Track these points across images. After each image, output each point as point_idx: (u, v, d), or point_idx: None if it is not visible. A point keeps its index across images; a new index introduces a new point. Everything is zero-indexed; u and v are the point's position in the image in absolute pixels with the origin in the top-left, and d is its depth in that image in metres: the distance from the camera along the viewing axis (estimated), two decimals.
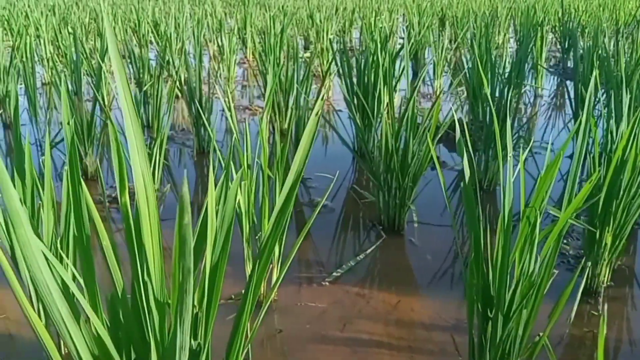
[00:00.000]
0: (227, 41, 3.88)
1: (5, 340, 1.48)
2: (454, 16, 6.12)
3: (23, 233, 0.59)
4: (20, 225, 0.58)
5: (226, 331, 0.91)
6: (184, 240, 0.59)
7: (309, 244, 1.97)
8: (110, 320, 0.79)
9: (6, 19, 6.56)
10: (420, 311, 1.59)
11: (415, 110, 1.79)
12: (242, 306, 0.77)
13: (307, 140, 0.80)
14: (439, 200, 2.33)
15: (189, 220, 0.57)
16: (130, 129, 0.70)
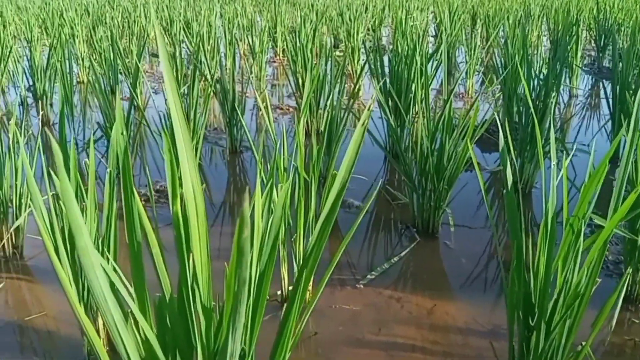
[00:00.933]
0: (258, 40, 3.90)
1: (44, 337, 1.51)
2: (486, 14, 6.04)
3: (83, 243, 0.60)
4: (80, 235, 0.59)
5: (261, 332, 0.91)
6: (242, 252, 0.59)
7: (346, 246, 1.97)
8: (157, 325, 0.81)
9: (42, 19, 6.71)
10: (456, 316, 1.58)
11: (451, 112, 1.77)
12: (289, 311, 0.78)
13: (353, 149, 0.80)
14: (473, 202, 2.31)
15: (249, 234, 0.58)
16: (180, 138, 0.71)
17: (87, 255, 0.61)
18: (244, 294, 0.63)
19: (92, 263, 0.62)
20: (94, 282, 0.65)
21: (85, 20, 5.94)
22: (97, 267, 0.63)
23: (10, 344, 1.48)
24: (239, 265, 0.60)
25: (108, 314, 0.69)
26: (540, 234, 1.20)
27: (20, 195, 1.85)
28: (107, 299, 0.67)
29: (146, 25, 6.21)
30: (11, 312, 1.62)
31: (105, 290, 0.66)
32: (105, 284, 0.65)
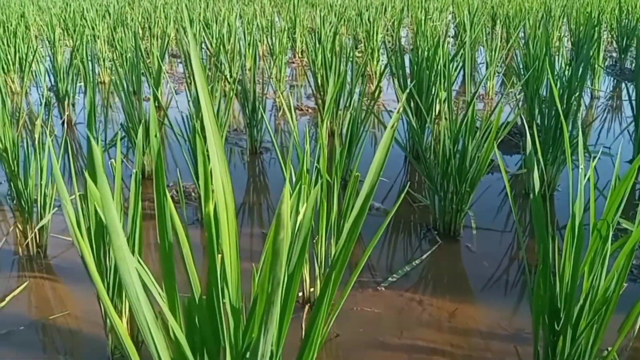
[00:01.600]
0: (277, 41, 3.91)
1: (68, 336, 1.53)
2: (506, 15, 5.99)
3: (120, 244, 0.61)
4: (117, 236, 0.60)
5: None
6: (277, 254, 0.60)
7: (362, 247, 1.96)
8: (186, 325, 0.81)
9: (63, 20, 6.80)
10: (478, 319, 1.56)
11: (474, 114, 1.75)
12: (316, 313, 0.78)
13: (382, 152, 0.80)
14: (493, 205, 2.29)
15: (284, 236, 0.58)
16: (212, 142, 0.72)
17: (122, 256, 0.62)
18: (278, 295, 0.63)
19: (127, 264, 0.63)
20: (129, 283, 0.66)
21: (106, 20, 6.01)
22: (132, 268, 0.63)
23: (35, 342, 1.50)
24: (273, 267, 0.61)
25: (141, 313, 0.70)
26: (566, 238, 1.19)
27: (44, 195, 1.88)
28: (140, 299, 0.68)
29: (166, 26, 6.27)
30: (35, 310, 1.65)
31: (139, 290, 0.67)
32: (139, 284, 0.66)
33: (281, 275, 0.62)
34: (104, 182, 0.57)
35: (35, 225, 1.89)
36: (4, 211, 2.35)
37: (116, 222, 0.59)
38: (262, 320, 0.67)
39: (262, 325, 0.68)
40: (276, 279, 0.62)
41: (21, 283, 1.77)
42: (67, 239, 2.02)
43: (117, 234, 0.59)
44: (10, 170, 1.86)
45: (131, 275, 0.64)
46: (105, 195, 0.58)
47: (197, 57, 0.76)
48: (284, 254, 0.60)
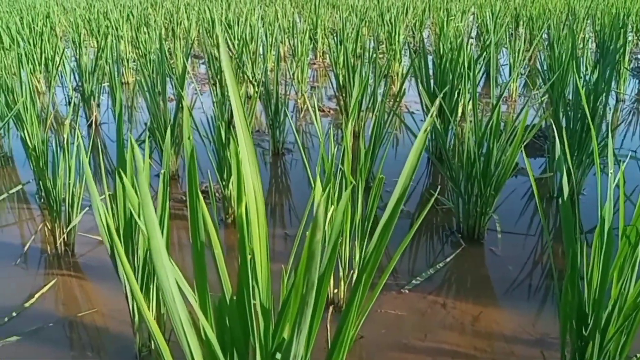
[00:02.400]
0: (299, 43, 3.93)
1: (96, 334, 1.56)
2: (529, 16, 5.92)
3: (157, 245, 0.62)
4: (155, 237, 0.61)
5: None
6: (312, 256, 0.60)
7: (388, 249, 1.96)
8: (216, 324, 0.82)
9: (87, 20, 6.90)
10: (503, 324, 1.55)
11: (499, 117, 1.74)
12: (346, 315, 0.78)
13: (415, 155, 0.80)
14: (516, 208, 2.27)
15: (320, 238, 0.59)
16: (244, 147, 0.72)
17: (160, 257, 0.63)
18: (312, 297, 0.64)
19: (163, 264, 0.64)
20: (164, 282, 0.67)
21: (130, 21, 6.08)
22: (169, 270, 0.65)
23: (63, 339, 1.53)
24: (308, 269, 0.61)
25: (175, 313, 0.71)
26: (595, 243, 1.18)
27: (72, 194, 1.91)
28: (176, 299, 0.69)
29: (189, 27, 6.32)
30: (63, 308, 1.67)
31: (174, 291, 0.68)
32: (175, 285, 0.67)
33: (316, 277, 0.62)
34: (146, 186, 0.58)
35: (63, 224, 1.93)
36: (31, 209, 2.39)
37: (155, 224, 0.60)
38: (295, 321, 0.68)
39: (295, 327, 0.68)
40: (311, 280, 0.62)
41: (49, 280, 1.81)
42: (94, 237, 2.05)
43: (156, 236, 0.60)
44: (39, 170, 1.89)
45: (168, 276, 0.65)
46: (145, 198, 0.59)
47: (228, 65, 0.77)
48: (319, 256, 0.60)
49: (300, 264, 0.62)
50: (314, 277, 0.62)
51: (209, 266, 0.85)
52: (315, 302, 0.77)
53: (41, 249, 2.01)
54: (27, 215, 2.33)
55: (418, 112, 3.70)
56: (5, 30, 5.29)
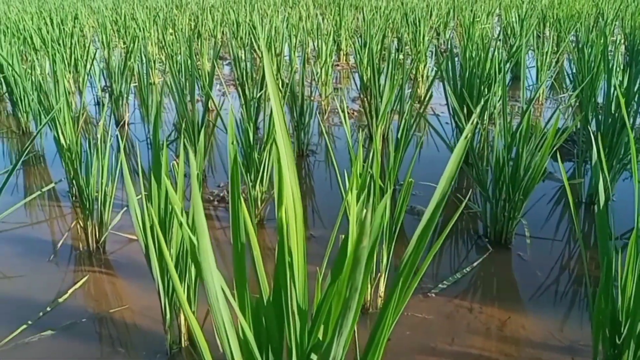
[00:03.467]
0: (324, 44, 3.94)
1: (127, 330, 1.59)
2: (556, 17, 5.85)
3: (205, 246, 0.64)
4: (203, 238, 0.63)
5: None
6: (357, 261, 0.61)
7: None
8: (253, 324, 0.84)
9: (115, 22, 7.02)
10: (531, 329, 1.54)
11: (530, 121, 1.73)
12: (382, 318, 0.79)
13: (455, 161, 0.80)
14: (544, 213, 2.25)
15: (367, 244, 0.60)
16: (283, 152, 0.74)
17: (207, 258, 0.65)
18: (355, 301, 0.65)
19: (209, 265, 0.65)
20: (210, 283, 0.68)
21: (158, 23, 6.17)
22: (214, 269, 0.66)
23: (96, 334, 1.56)
24: (353, 273, 0.62)
25: (218, 313, 0.73)
26: (630, 251, 1.17)
27: (105, 193, 1.95)
28: (219, 299, 0.71)
29: (213, 29, 6.39)
30: (95, 304, 1.71)
31: (218, 291, 0.70)
32: (219, 285, 0.69)
33: (359, 282, 0.63)
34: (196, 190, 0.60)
35: (95, 222, 1.97)
36: (61, 207, 2.45)
37: (204, 228, 0.62)
38: (337, 324, 0.69)
39: (337, 329, 0.70)
40: (354, 285, 0.63)
41: (81, 277, 1.85)
42: (125, 235, 2.09)
43: (204, 232, 0.62)
44: (73, 169, 1.94)
45: (213, 277, 0.67)
46: (196, 200, 0.61)
47: (271, 73, 0.78)
48: (364, 261, 0.61)
49: (345, 268, 0.63)
50: (357, 283, 0.63)
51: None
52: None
53: (73, 246, 2.06)
54: (58, 212, 2.39)
55: (443, 114, 3.69)
56: (37, 31, 5.41)
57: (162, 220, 1.31)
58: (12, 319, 1.62)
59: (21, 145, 3.43)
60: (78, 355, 1.47)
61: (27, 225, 2.26)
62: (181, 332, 1.48)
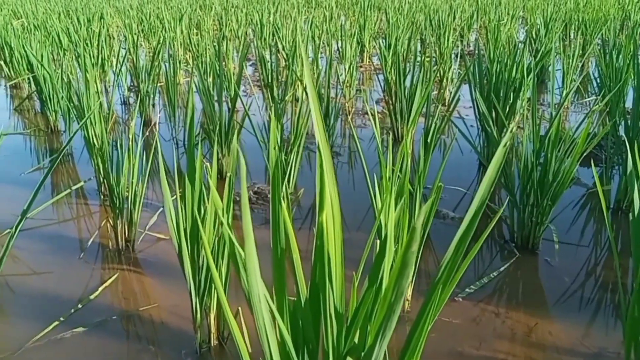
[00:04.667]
0: (348, 46, 3.96)
1: (157, 328, 1.61)
2: (582, 20, 5.78)
3: (250, 252, 0.65)
4: (250, 241, 0.64)
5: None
6: (405, 265, 0.62)
7: (436, 256, 1.96)
8: (290, 325, 0.85)
9: (140, 22, 7.11)
10: (559, 335, 1.54)
11: (559, 127, 1.72)
12: (418, 325, 0.80)
13: (494, 168, 0.81)
14: (571, 218, 2.23)
15: (416, 249, 0.61)
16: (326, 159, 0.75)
17: (252, 260, 0.66)
18: (399, 305, 0.66)
19: (254, 267, 0.67)
20: (253, 285, 0.70)
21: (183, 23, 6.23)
22: (257, 272, 0.68)
23: (126, 332, 1.60)
24: (400, 278, 0.63)
25: (260, 314, 0.74)
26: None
27: (135, 192, 1.99)
28: (261, 300, 0.72)
29: (237, 29, 6.44)
30: (125, 302, 1.74)
31: (261, 293, 0.71)
32: (262, 287, 0.70)
33: (405, 287, 0.64)
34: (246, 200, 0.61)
35: (125, 221, 2.00)
36: (88, 205, 2.49)
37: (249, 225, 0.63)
38: (381, 327, 0.70)
39: (380, 333, 0.71)
40: (400, 289, 0.64)
41: (111, 275, 1.88)
42: (154, 234, 2.13)
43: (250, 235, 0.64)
44: (104, 168, 1.97)
45: (257, 279, 0.68)
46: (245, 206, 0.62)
47: (311, 82, 0.80)
48: (412, 266, 0.62)
49: (392, 273, 0.64)
50: (403, 287, 0.64)
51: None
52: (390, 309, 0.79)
53: (103, 244, 2.10)
54: (87, 210, 2.43)
55: (467, 117, 3.67)
56: (64, 30, 5.50)
57: (194, 222, 1.33)
58: (44, 314, 1.66)
59: (49, 144, 3.50)
60: (110, 352, 1.50)
61: (57, 223, 2.31)
62: (210, 332, 1.50)
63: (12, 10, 8.96)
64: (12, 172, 2.87)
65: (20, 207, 1.42)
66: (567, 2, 7.93)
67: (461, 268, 0.87)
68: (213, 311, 1.47)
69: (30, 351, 1.50)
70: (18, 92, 5.00)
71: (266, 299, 0.73)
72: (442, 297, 0.79)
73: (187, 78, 4.96)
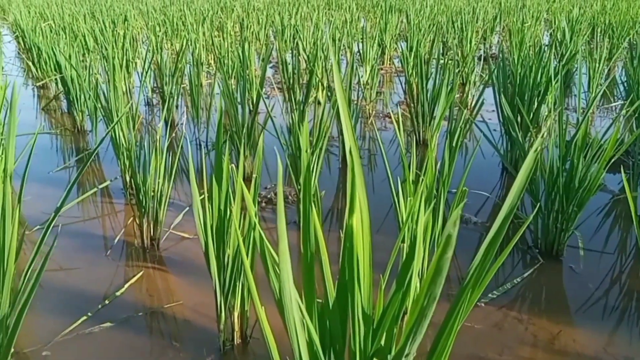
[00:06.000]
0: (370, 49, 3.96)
1: (181, 325, 1.64)
2: (608, 23, 5.70)
3: (284, 248, 0.67)
4: (283, 241, 0.66)
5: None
6: (439, 271, 0.63)
7: (459, 261, 1.96)
8: (318, 326, 0.86)
9: (163, 24, 7.19)
10: (584, 343, 1.52)
11: (587, 132, 1.71)
12: (444, 331, 0.80)
13: (524, 174, 0.81)
14: (595, 225, 2.21)
15: (450, 256, 0.61)
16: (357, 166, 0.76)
17: (285, 263, 0.67)
18: (431, 310, 0.66)
19: (287, 268, 0.68)
20: (286, 285, 0.71)
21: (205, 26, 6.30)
22: (290, 275, 0.69)
23: (151, 329, 1.62)
24: (433, 283, 0.64)
25: (291, 314, 0.76)
26: None
27: (160, 192, 2.02)
28: (293, 301, 0.73)
29: (258, 31, 6.48)
30: (150, 299, 1.77)
31: (293, 294, 0.73)
32: (293, 288, 0.72)
33: (439, 292, 0.65)
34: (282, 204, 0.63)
35: (150, 219, 2.04)
36: (114, 204, 2.53)
37: (284, 226, 0.65)
38: (411, 331, 0.71)
39: (410, 336, 0.71)
40: (433, 295, 0.65)
41: (137, 272, 1.92)
42: (179, 233, 2.16)
43: (283, 235, 0.65)
44: (131, 168, 2.01)
45: (289, 281, 0.69)
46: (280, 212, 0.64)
47: (341, 88, 0.81)
48: (446, 272, 0.63)
49: (425, 278, 0.65)
50: (437, 292, 0.65)
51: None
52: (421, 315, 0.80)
53: (128, 242, 2.13)
54: (112, 209, 2.47)
55: (490, 120, 3.65)
56: (90, 31, 5.60)
57: (221, 220, 1.35)
58: (72, 309, 1.70)
59: (75, 143, 3.56)
60: (136, 347, 1.53)
61: (83, 221, 2.35)
62: (234, 330, 1.52)
63: (39, 13, 9.14)
64: (40, 170, 2.93)
65: (48, 204, 1.46)
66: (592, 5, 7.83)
67: (489, 274, 0.87)
68: (237, 310, 1.49)
69: (60, 344, 1.54)
70: (45, 92, 5.10)
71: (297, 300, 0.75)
72: (470, 302, 0.79)
73: (209, 80, 5.01)
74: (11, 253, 1.17)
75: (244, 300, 1.48)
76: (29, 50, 5.72)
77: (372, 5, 10.08)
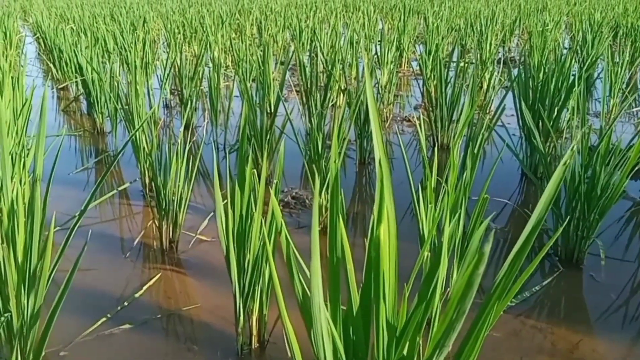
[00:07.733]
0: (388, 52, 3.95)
1: (199, 328, 1.65)
2: (631, 26, 5.63)
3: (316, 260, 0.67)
4: (316, 251, 0.66)
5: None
6: (470, 285, 0.63)
7: None
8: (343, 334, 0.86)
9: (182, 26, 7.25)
10: (603, 353, 1.51)
11: (610, 140, 1.69)
12: (469, 340, 0.80)
13: (553, 187, 0.81)
14: (616, 232, 2.18)
15: (482, 271, 0.61)
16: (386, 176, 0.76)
17: (316, 273, 0.68)
18: (460, 323, 0.66)
19: (318, 277, 0.69)
20: (315, 294, 0.72)
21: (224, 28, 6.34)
22: (320, 284, 0.69)
23: (169, 331, 1.63)
24: (463, 297, 0.64)
25: (318, 322, 0.76)
26: None
27: (180, 195, 2.03)
28: (321, 309, 0.74)
29: (276, 34, 6.50)
30: (167, 302, 1.78)
31: (321, 302, 0.73)
32: (322, 296, 0.72)
33: (468, 306, 0.65)
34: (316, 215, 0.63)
35: (170, 222, 2.05)
36: (132, 206, 2.56)
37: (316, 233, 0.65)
38: (439, 343, 0.71)
39: (437, 348, 0.71)
40: (462, 309, 0.65)
41: (155, 274, 1.93)
42: (197, 236, 2.17)
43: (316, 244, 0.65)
44: (152, 171, 2.03)
45: (319, 290, 0.70)
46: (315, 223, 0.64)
47: (372, 98, 0.81)
48: (476, 287, 0.63)
49: (456, 291, 0.65)
50: (466, 307, 0.65)
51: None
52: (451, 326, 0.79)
53: (147, 244, 2.15)
54: (130, 211, 2.50)
55: (509, 125, 3.62)
56: (110, 33, 5.66)
57: (242, 225, 1.36)
58: (92, 310, 1.71)
59: (95, 145, 3.60)
60: (155, 349, 1.55)
61: (102, 222, 2.38)
62: (252, 334, 1.53)
63: (60, 15, 9.26)
64: (60, 172, 2.97)
65: (69, 205, 1.47)
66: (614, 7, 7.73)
67: (516, 285, 0.87)
68: (255, 314, 1.50)
69: (80, 345, 1.56)
70: (64, 93, 5.17)
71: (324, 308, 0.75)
72: (497, 312, 0.79)
73: (227, 83, 5.04)
74: (46, 259, 1.19)
75: (262, 305, 1.49)
76: (49, 52, 5.79)
77: (389, 7, 10.06)
